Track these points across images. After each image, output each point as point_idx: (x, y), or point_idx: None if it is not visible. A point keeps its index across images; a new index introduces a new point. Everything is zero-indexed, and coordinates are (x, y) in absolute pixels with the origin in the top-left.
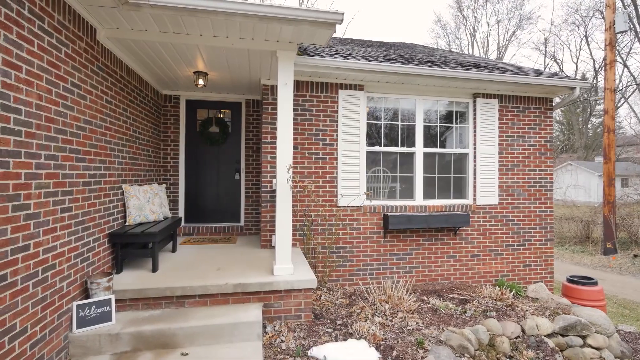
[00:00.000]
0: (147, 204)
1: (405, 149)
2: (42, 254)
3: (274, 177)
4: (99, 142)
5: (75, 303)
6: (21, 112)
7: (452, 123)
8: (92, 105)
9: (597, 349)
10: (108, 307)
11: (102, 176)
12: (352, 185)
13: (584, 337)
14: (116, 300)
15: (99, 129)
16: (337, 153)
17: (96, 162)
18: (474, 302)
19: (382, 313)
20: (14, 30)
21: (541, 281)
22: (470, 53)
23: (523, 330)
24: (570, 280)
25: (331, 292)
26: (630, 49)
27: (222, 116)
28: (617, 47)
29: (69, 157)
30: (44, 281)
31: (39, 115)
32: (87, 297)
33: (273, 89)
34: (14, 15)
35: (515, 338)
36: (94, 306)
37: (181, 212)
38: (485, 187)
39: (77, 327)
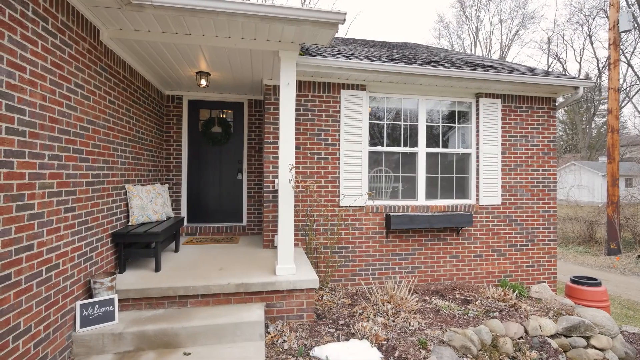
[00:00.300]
0: (150, 204)
1: (407, 149)
2: (46, 254)
3: (276, 177)
4: (102, 142)
5: (78, 302)
6: (25, 113)
7: (455, 123)
8: (96, 106)
9: (601, 350)
10: (111, 307)
11: (105, 176)
12: (354, 185)
13: (587, 338)
14: (119, 300)
15: (102, 129)
16: (339, 153)
17: (99, 162)
18: (477, 302)
19: (385, 313)
20: (18, 31)
21: (544, 282)
22: (473, 53)
23: (526, 331)
24: (573, 281)
25: (333, 292)
26: (635, 48)
27: (224, 116)
28: (621, 47)
29: (73, 157)
30: (48, 280)
31: (42, 115)
32: (91, 296)
33: (275, 89)
34: (17, 16)
35: (518, 339)
36: (97, 305)
37: (184, 212)
38: (488, 187)
39: (81, 327)
